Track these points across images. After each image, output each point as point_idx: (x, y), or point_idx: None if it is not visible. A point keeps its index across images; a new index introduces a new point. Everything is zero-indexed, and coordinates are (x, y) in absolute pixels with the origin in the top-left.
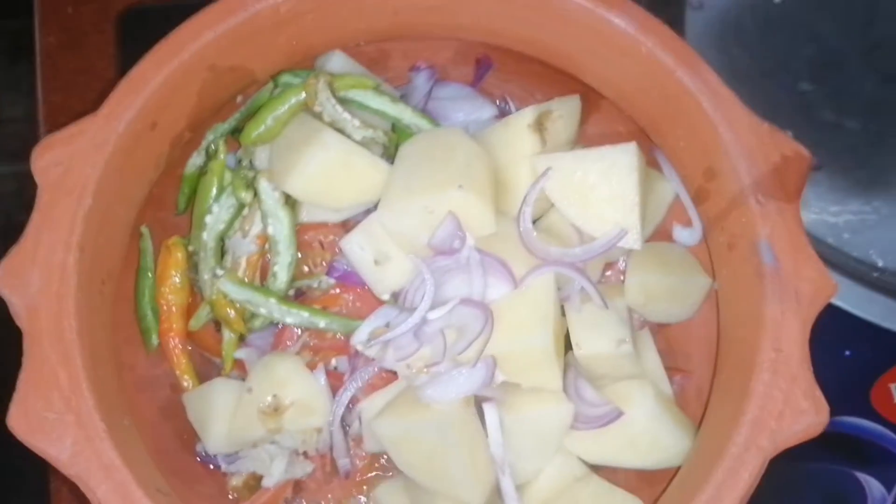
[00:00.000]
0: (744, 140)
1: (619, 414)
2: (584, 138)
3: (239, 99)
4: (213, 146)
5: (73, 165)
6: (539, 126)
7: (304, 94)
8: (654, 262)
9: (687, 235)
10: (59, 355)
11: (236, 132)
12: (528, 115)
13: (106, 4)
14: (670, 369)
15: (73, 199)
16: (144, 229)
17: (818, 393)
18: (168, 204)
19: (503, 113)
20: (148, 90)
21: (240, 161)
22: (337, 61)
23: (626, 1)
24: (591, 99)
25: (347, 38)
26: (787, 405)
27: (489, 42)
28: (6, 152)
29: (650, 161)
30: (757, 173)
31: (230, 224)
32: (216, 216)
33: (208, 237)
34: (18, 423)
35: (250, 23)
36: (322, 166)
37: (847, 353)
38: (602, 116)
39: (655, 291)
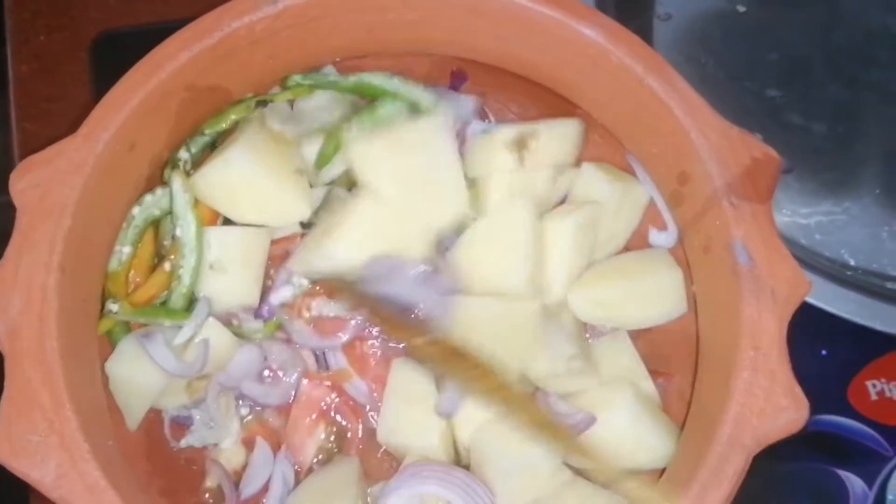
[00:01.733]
0: (715, 144)
1: (593, 419)
2: None
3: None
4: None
5: (52, 187)
6: (520, 145)
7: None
8: (608, 272)
9: (663, 238)
10: (41, 377)
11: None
12: (508, 132)
13: (78, 32)
14: (652, 372)
15: (53, 221)
16: None
17: (797, 389)
18: None
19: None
20: (126, 111)
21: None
22: None
23: (596, 11)
24: (564, 109)
25: (323, 55)
26: (767, 402)
27: (463, 56)
28: None
29: (625, 167)
30: (729, 176)
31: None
32: (156, 198)
33: (138, 216)
34: (1, 446)
35: (226, 42)
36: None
37: (824, 352)
38: None
39: (614, 300)
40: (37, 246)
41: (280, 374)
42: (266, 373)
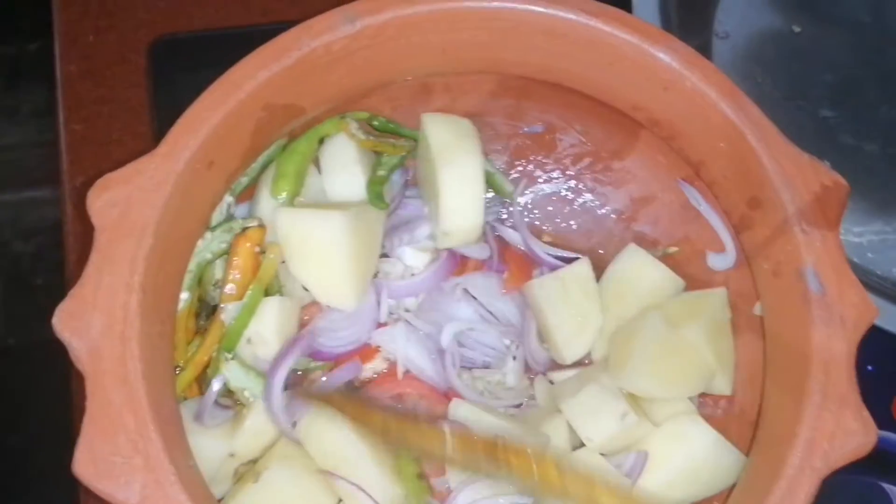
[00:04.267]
0: (787, 170)
1: (645, 456)
2: (622, 170)
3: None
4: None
5: (132, 205)
6: None
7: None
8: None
9: (720, 261)
10: (124, 398)
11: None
12: None
13: (126, 33)
14: (713, 396)
15: (134, 240)
16: None
17: (866, 413)
18: None
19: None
20: (206, 129)
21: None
22: None
23: (670, 36)
24: (630, 129)
25: (395, 74)
26: (838, 426)
27: (531, 76)
28: (3, 181)
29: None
30: (800, 202)
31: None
32: (206, 242)
33: (192, 261)
34: (85, 468)
35: (304, 61)
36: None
37: (870, 367)
38: (641, 147)
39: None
40: (117, 265)
41: None
42: None
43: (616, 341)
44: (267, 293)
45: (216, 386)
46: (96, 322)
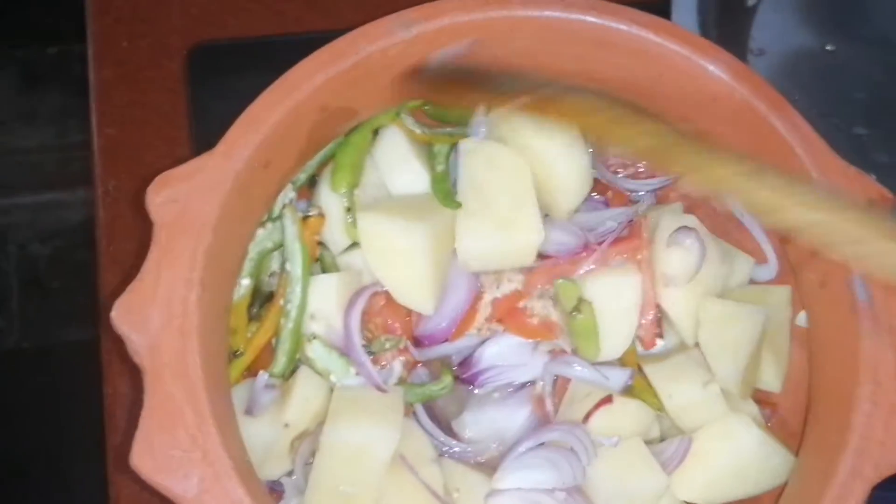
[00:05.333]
0: (834, 183)
1: (689, 441)
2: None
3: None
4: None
5: (191, 203)
6: None
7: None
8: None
9: (762, 272)
10: (183, 392)
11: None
12: None
13: (160, 39)
14: (757, 401)
15: (193, 236)
16: None
17: None
18: None
19: None
20: (264, 129)
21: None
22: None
23: (720, 49)
24: None
25: None
26: (888, 434)
27: (579, 84)
28: (21, 184)
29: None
30: None
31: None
32: (267, 232)
33: (252, 250)
34: (143, 460)
35: (360, 65)
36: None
37: None
38: None
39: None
40: (177, 261)
41: None
42: None
43: None
44: (324, 271)
45: (262, 379)
46: (155, 317)
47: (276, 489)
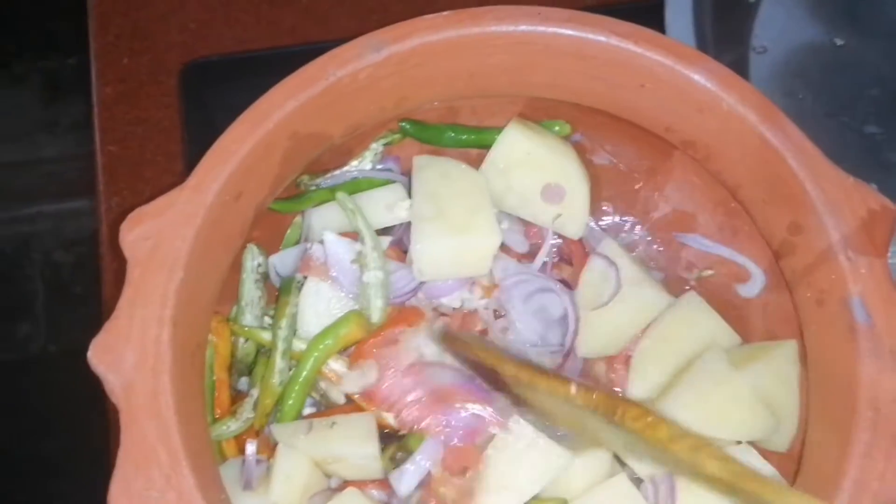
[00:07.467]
0: (830, 195)
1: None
2: (655, 189)
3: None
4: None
5: (163, 239)
6: None
7: None
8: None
9: (746, 289)
10: (157, 432)
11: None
12: None
13: (160, 55)
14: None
15: (165, 273)
16: None
17: None
18: None
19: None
20: (234, 161)
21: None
22: None
23: (705, 56)
24: (661, 149)
25: (422, 100)
26: (888, 465)
27: (560, 98)
28: (44, 192)
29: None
30: (845, 229)
31: None
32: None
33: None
34: (119, 501)
35: (330, 90)
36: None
37: None
38: (675, 167)
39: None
40: (149, 299)
41: None
42: None
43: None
44: None
45: (251, 448)
46: (129, 356)
47: None
